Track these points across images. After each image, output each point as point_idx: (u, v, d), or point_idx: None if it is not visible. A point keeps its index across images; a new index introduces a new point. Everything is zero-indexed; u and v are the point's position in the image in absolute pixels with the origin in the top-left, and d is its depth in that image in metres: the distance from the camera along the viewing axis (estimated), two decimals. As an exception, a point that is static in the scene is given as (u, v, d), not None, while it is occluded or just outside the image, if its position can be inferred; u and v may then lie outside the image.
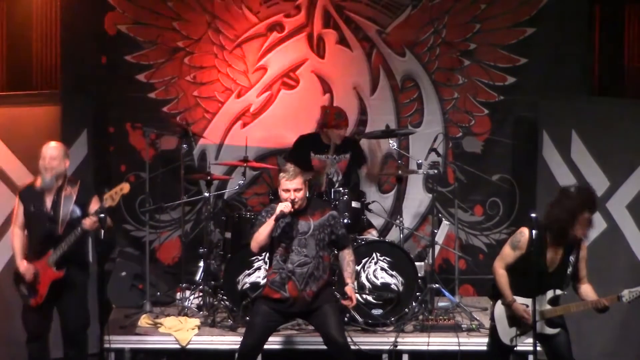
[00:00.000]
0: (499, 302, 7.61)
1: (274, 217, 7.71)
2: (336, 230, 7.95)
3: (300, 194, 7.77)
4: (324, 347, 7.91)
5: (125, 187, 7.74)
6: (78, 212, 7.88)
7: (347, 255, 8.02)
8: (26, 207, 7.97)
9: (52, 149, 7.96)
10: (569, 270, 7.50)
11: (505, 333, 7.58)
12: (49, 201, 7.92)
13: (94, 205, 7.89)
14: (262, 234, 7.77)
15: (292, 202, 7.73)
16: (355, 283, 9.03)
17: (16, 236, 8.01)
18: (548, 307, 7.48)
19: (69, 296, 7.93)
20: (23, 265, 7.89)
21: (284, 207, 7.71)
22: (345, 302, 7.92)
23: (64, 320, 8.00)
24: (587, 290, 7.57)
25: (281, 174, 7.82)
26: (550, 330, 7.51)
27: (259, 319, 7.89)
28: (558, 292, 7.50)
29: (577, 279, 7.57)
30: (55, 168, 7.92)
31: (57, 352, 8.23)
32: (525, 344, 7.65)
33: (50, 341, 8.13)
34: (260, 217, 7.91)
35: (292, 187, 7.76)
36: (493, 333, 7.66)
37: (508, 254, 7.55)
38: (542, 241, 7.35)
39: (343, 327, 8.01)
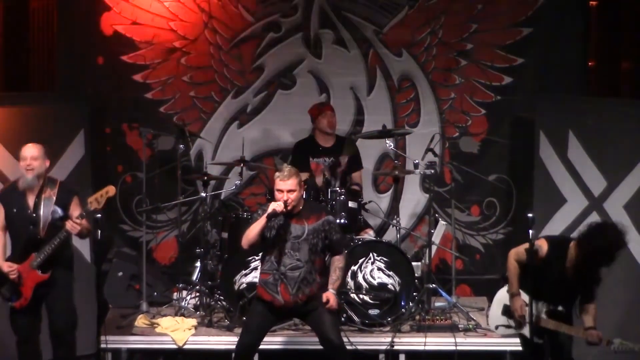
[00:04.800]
0: (505, 288, 7.60)
1: (265, 215, 7.62)
2: (330, 235, 7.82)
3: (293, 195, 7.65)
4: (321, 347, 7.89)
5: (110, 190, 7.69)
6: (59, 212, 7.82)
7: (337, 261, 7.89)
8: (8, 209, 7.90)
9: (32, 149, 7.90)
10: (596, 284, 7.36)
11: (495, 317, 7.61)
12: (31, 203, 7.86)
13: (75, 206, 7.85)
14: (252, 232, 7.69)
15: (285, 203, 7.63)
16: (352, 283, 9.06)
17: None
18: (544, 316, 7.41)
19: (54, 297, 7.87)
20: (7, 265, 7.81)
21: (276, 206, 7.60)
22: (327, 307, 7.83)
23: (51, 320, 7.93)
24: (589, 311, 7.42)
25: (276, 174, 7.75)
26: (535, 339, 7.39)
27: (254, 318, 7.87)
28: (560, 308, 7.38)
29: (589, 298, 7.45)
30: (36, 168, 7.86)
31: (47, 354, 8.18)
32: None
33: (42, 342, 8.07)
34: (256, 215, 7.82)
35: (285, 188, 7.65)
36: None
37: (522, 256, 7.40)
38: (565, 250, 7.26)
39: (339, 328, 7.98)
